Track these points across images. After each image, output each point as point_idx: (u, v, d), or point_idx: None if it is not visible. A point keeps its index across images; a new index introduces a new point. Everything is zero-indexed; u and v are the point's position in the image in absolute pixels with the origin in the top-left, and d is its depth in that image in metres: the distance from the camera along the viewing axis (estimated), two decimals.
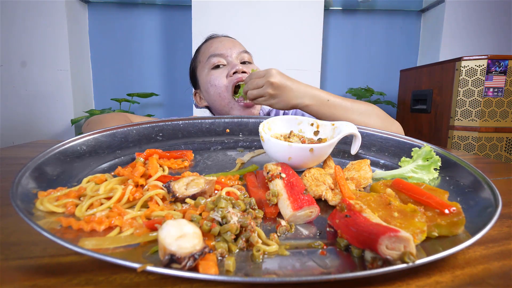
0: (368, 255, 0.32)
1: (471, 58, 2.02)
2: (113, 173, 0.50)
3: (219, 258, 0.32)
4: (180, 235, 0.30)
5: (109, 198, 0.42)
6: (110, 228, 0.37)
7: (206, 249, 0.30)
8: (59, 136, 2.55)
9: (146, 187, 0.46)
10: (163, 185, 0.46)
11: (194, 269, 0.29)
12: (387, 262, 0.30)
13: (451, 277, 0.31)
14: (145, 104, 2.89)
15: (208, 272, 0.28)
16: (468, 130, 2.09)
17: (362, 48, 2.98)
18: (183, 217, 0.38)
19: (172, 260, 0.28)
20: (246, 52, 1.10)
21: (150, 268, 0.27)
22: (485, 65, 1.99)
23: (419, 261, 0.30)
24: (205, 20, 2.38)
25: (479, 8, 2.70)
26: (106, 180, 0.47)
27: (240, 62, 1.08)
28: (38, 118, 2.52)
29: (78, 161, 0.56)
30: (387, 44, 2.99)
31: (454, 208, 0.38)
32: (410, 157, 0.63)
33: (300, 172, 0.54)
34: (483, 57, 1.99)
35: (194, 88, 1.21)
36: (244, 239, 0.35)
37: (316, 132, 0.67)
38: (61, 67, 2.47)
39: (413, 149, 0.63)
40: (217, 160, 0.67)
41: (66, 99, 2.51)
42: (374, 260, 0.31)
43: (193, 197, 0.43)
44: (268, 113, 1.23)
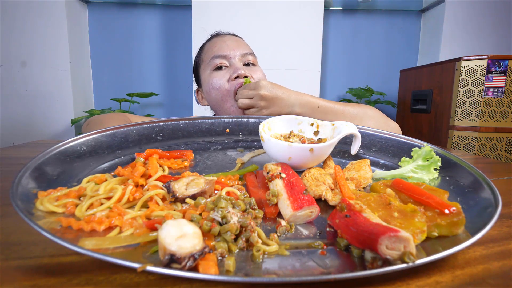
0: (368, 255, 0.32)
1: (471, 58, 2.02)
2: (113, 173, 0.50)
3: (219, 258, 0.32)
4: (180, 235, 0.30)
5: (109, 198, 0.42)
6: (110, 228, 0.37)
7: (206, 249, 0.30)
8: (59, 136, 2.55)
9: (146, 187, 0.46)
10: (163, 185, 0.46)
11: (194, 269, 0.29)
12: (387, 262, 0.30)
13: (451, 277, 0.31)
14: (145, 104, 2.89)
15: (208, 272, 0.28)
16: (468, 130, 2.09)
17: (362, 48, 2.98)
18: (183, 217, 0.38)
19: (172, 260, 0.28)
20: (251, 54, 1.08)
21: (150, 268, 0.27)
22: (485, 65, 1.99)
23: (419, 261, 0.30)
24: (205, 20, 2.38)
25: (479, 8, 2.70)
26: (106, 180, 0.47)
27: (244, 64, 1.05)
28: (38, 118, 2.52)
29: (78, 161, 0.56)
30: (387, 44, 2.99)
31: (454, 208, 0.38)
32: (410, 157, 0.63)
33: (300, 172, 0.54)
34: (483, 57, 1.99)
35: (197, 86, 1.20)
36: (244, 239, 0.35)
37: (316, 132, 0.67)
38: (61, 67, 2.47)
39: (413, 149, 0.63)
40: (217, 160, 0.67)
41: (66, 99, 2.51)
42: (374, 260, 0.31)
43: (193, 197, 0.43)
44: None
